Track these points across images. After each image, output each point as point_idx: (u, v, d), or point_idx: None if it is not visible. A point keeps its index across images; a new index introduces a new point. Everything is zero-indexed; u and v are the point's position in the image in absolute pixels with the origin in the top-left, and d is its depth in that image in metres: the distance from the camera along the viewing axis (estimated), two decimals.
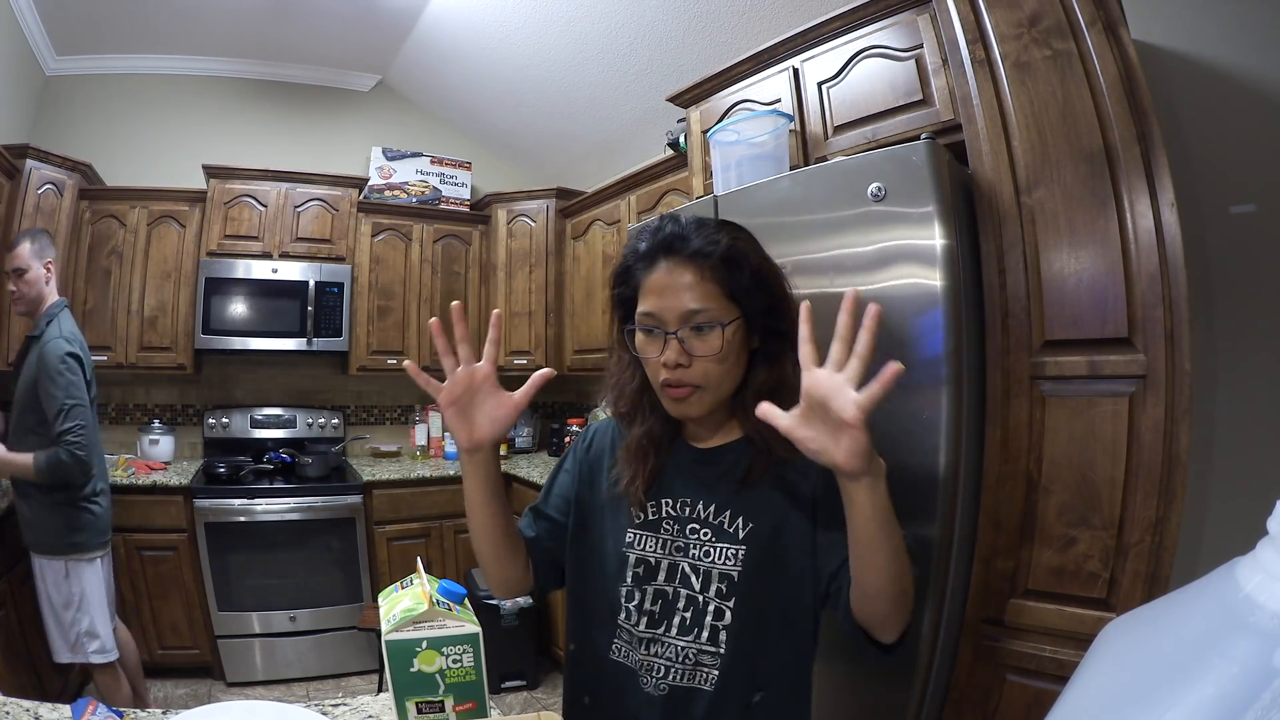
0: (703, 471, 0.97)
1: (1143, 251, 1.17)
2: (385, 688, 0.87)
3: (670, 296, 0.90)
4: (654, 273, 0.92)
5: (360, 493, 3.13)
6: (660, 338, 0.91)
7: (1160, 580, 1.13)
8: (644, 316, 0.92)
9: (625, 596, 0.96)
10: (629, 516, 0.97)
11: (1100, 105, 1.22)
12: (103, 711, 0.85)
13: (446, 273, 3.69)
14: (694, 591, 0.92)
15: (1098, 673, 0.37)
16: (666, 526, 0.96)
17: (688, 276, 0.90)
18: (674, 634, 0.92)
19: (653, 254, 0.93)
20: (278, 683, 2.96)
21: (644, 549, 0.96)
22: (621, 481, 0.98)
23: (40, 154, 2.86)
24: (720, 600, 0.91)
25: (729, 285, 0.90)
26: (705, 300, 0.89)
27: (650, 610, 0.94)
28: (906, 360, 1.28)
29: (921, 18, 1.53)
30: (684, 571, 0.93)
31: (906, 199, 1.29)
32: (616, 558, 0.97)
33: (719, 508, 0.94)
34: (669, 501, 0.96)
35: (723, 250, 0.90)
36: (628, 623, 0.96)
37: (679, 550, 0.94)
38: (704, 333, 0.89)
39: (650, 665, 0.93)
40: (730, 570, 0.91)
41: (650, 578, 0.95)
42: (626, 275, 0.97)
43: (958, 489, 1.25)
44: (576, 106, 3.38)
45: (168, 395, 3.48)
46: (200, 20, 3.22)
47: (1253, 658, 0.28)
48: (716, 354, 0.88)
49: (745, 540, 0.91)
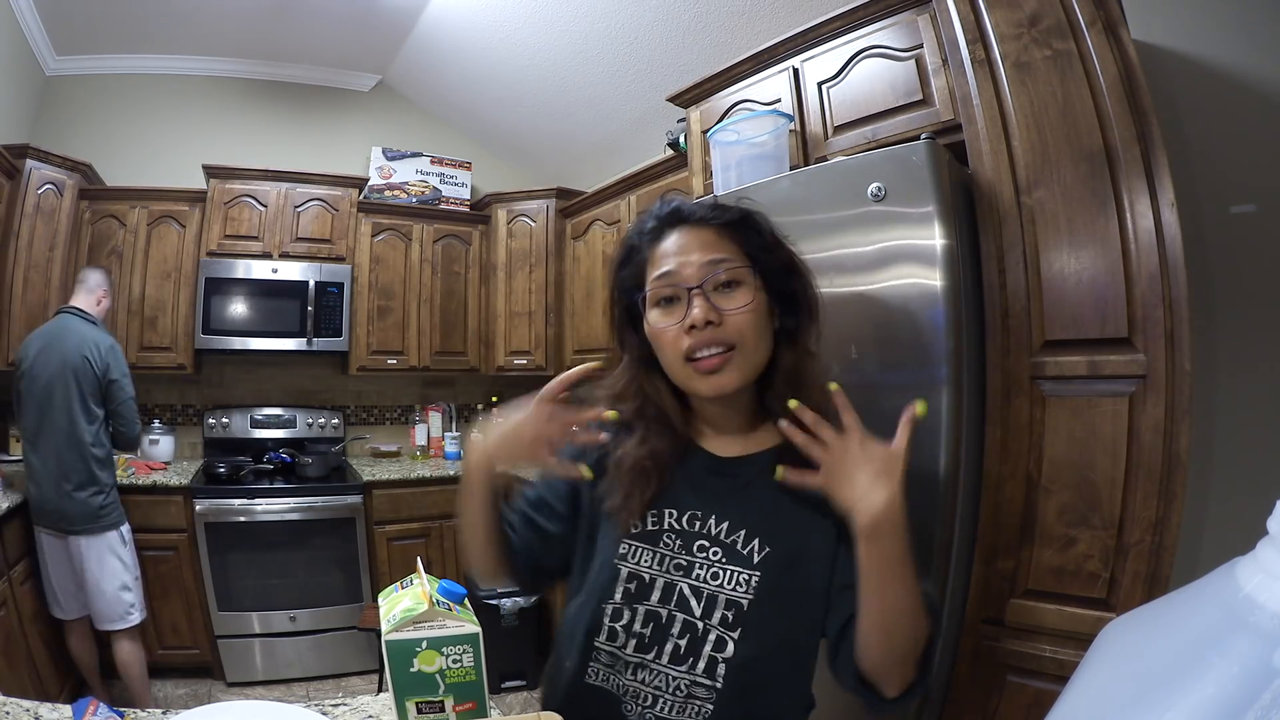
0: (718, 483, 0.87)
1: (1143, 251, 1.17)
2: (385, 688, 0.86)
3: (689, 252, 0.83)
4: (664, 242, 0.86)
5: (360, 493, 3.13)
6: (680, 303, 0.82)
7: (1160, 580, 1.13)
8: (659, 282, 0.84)
9: (612, 615, 0.85)
10: (625, 525, 0.87)
11: (1100, 105, 1.22)
12: (103, 711, 0.85)
13: (446, 273, 3.69)
14: (693, 617, 0.83)
15: (1098, 673, 0.37)
16: (667, 540, 0.85)
17: (707, 234, 0.84)
18: (665, 662, 0.83)
19: (660, 228, 0.87)
20: (278, 683, 2.96)
21: (638, 563, 0.85)
22: (611, 501, 0.87)
23: (40, 154, 2.86)
24: (724, 629, 0.81)
25: (748, 245, 0.84)
26: (729, 253, 0.83)
27: (640, 633, 0.84)
28: (907, 360, 1.28)
29: (921, 18, 1.53)
30: (682, 594, 0.83)
31: (906, 199, 1.29)
32: (608, 569, 0.87)
33: (733, 525, 0.84)
34: (673, 513, 0.86)
35: (737, 213, 0.86)
36: (610, 644, 0.85)
37: (679, 569, 0.84)
38: (731, 289, 0.82)
39: (637, 693, 0.84)
40: (739, 597, 0.81)
41: (643, 596, 0.85)
42: (630, 256, 0.89)
43: (958, 489, 1.25)
44: (576, 106, 3.37)
45: (168, 395, 3.47)
46: (200, 20, 3.22)
47: (1253, 658, 0.28)
48: (747, 305, 0.81)
49: (760, 566, 0.82)
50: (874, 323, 1.32)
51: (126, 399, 2.45)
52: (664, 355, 0.85)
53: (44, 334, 2.40)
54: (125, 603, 2.44)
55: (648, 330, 0.86)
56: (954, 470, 1.24)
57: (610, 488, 0.88)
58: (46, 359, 2.34)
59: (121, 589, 2.43)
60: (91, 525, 2.35)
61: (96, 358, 2.37)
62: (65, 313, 2.46)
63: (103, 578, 2.38)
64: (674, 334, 0.82)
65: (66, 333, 2.38)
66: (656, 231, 0.87)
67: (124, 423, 2.46)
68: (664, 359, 0.86)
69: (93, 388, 2.37)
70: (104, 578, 2.38)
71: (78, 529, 2.34)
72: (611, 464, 0.89)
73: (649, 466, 0.86)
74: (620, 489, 0.87)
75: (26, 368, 2.36)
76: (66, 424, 2.33)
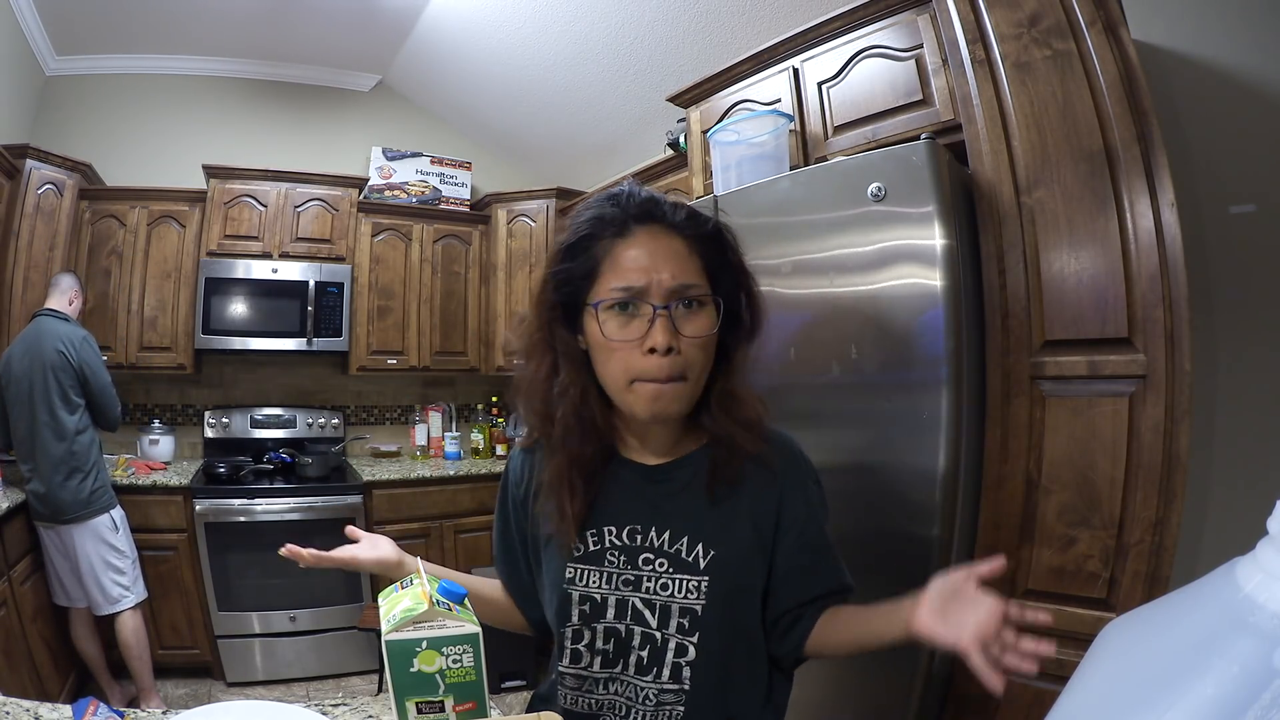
0: (652, 491, 0.85)
1: (1143, 251, 1.17)
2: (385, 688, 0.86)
3: (660, 268, 0.76)
4: (628, 240, 0.79)
5: (360, 493, 3.13)
6: (642, 318, 0.77)
7: (1160, 580, 1.13)
8: (621, 293, 0.77)
9: (572, 637, 0.86)
10: (567, 549, 0.86)
11: (1100, 105, 1.22)
12: (104, 711, 0.84)
13: (446, 273, 3.69)
14: (650, 629, 0.83)
15: (1098, 673, 0.37)
16: (611, 559, 0.84)
17: (678, 244, 0.79)
18: (631, 673, 0.84)
19: (623, 221, 0.80)
20: (278, 683, 2.95)
21: (586, 584, 0.85)
22: (549, 523, 0.86)
23: (40, 154, 2.86)
24: (682, 636, 0.82)
25: (711, 265, 0.81)
26: (694, 275, 0.78)
27: (604, 649, 0.85)
28: (907, 360, 1.28)
29: (921, 18, 1.53)
30: (636, 608, 0.83)
31: (906, 199, 1.29)
32: (559, 596, 0.86)
33: (675, 534, 0.83)
34: (612, 530, 0.85)
35: (713, 226, 0.82)
36: (575, 666, 0.86)
37: (627, 584, 0.83)
38: (692, 313, 0.78)
39: (613, 705, 0.85)
40: (693, 604, 0.81)
41: (598, 616, 0.84)
42: (584, 245, 0.80)
43: (958, 489, 1.25)
44: (576, 106, 3.37)
45: (168, 395, 3.47)
46: (200, 20, 3.22)
47: (1253, 658, 0.28)
48: (706, 335, 0.78)
49: (708, 570, 0.81)
50: (874, 323, 1.32)
51: (103, 385, 2.54)
52: (607, 367, 0.80)
53: (23, 338, 2.50)
54: (119, 586, 2.50)
55: (594, 337, 0.80)
56: (954, 470, 1.24)
57: (545, 509, 0.87)
58: (26, 361, 2.43)
59: (114, 572, 2.49)
60: (83, 511, 2.42)
61: (71, 351, 2.46)
62: (41, 315, 2.54)
63: (96, 562, 2.45)
64: (627, 351, 0.77)
65: (41, 334, 2.47)
66: (622, 225, 0.80)
67: (102, 407, 2.56)
68: (605, 370, 0.81)
69: (70, 379, 2.46)
70: (97, 562, 2.45)
71: (68, 517, 2.40)
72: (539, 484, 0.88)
73: (573, 477, 0.83)
74: (553, 504, 0.85)
75: (10, 373, 2.45)
76: (49, 418, 2.41)
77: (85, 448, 2.48)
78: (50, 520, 2.41)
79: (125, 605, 2.51)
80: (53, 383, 2.42)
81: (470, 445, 3.79)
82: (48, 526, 2.43)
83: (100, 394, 2.53)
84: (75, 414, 2.47)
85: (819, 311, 1.39)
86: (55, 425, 2.42)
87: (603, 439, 0.85)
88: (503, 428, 3.79)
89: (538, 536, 0.92)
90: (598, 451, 0.85)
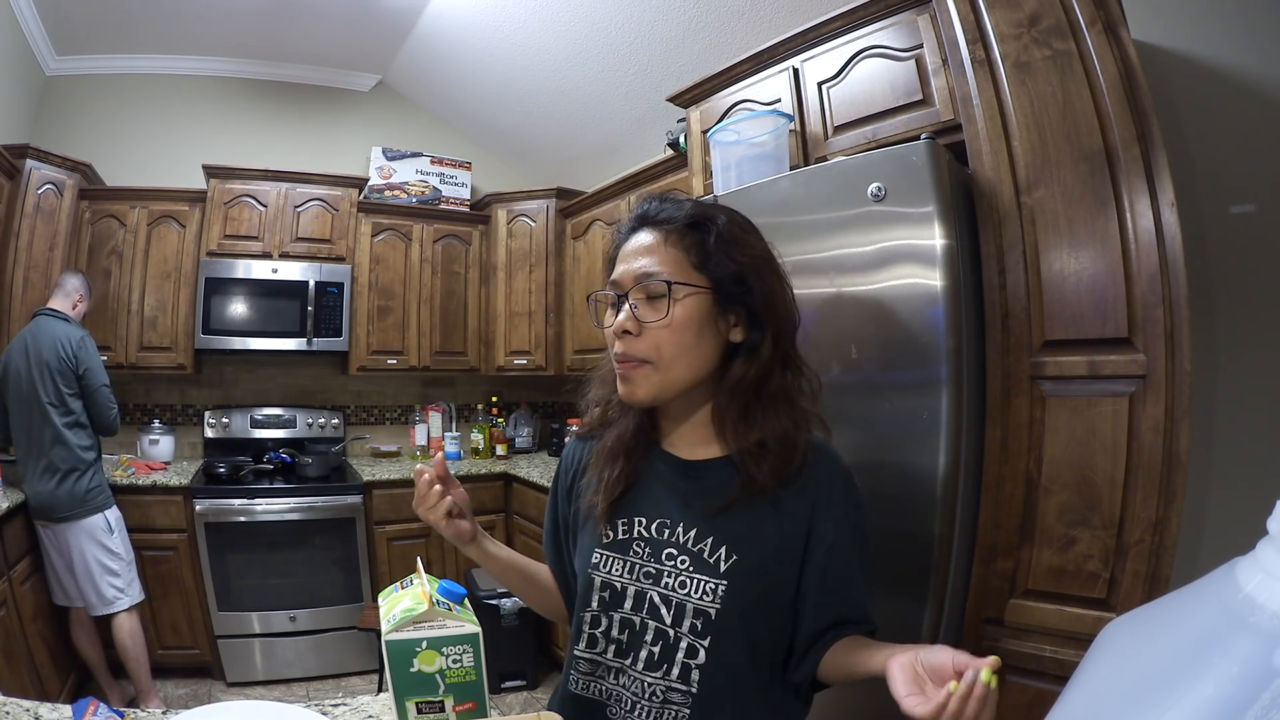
0: (685, 486, 0.87)
1: (1143, 251, 1.17)
2: (385, 688, 0.87)
3: (634, 258, 0.85)
4: (624, 243, 0.89)
5: (360, 493, 3.13)
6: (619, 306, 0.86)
7: (1160, 580, 1.13)
8: (610, 285, 0.88)
9: (590, 622, 0.88)
10: (597, 534, 0.89)
11: (1100, 105, 1.22)
12: (103, 712, 0.84)
13: (446, 273, 3.69)
14: (664, 625, 0.84)
15: (1098, 673, 0.37)
16: (637, 549, 0.87)
17: (649, 239, 0.86)
18: (640, 668, 0.84)
19: (626, 228, 0.91)
20: (278, 683, 2.96)
21: (610, 572, 0.87)
22: (590, 491, 0.91)
23: (40, 154, 2.86)
24: (694, 637, 0.82)
25: (695, 252, 0.84)
26: (662, 264, 0.83)
27: (618, 639, 0.87)
28: (907, 360, 1.28)
29: (921, 18, 1.53)
30: (652, 602, 0.84)
31: (906, 199, 1.29)
32: (584, 580, 0.90)
33: (700, 533, 0.84)
34: (642, 521, 0.88)
35: (686, 214, 0.85)
36: (590, 651, 0.88)
37: (648, 577, 0.85)
38: (655, 300, 0.83)
39: (619, 696, 0.86)
40: (707, 606, 0.82)
41: (617, 604, 0.87)
42: (610, 256, 0.94)
43: (958, 489, 1.25)
44: (576, 106, 3.37)
45: (167, 395, 3.47)
46: (200, 20, 3.22)
47: (1253, 658, 0.28)
48: (662, 321, 0.81)
49: (726, 575, 0.82)
50: (874, 323, 1.32)
51: (99, 386, 2.54)
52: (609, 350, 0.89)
53: (22, 338, 2.50)
54: (114, 587, 2.50)
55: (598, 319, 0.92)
56: (954, 470, 1.24)
57: (587, 481, 0.93)
58: (24, 361, 2.44)
59: (108, 574, 2.49)
60: (78, 509, 2.42)
61: (68, 351, 2.47)
62: (41, 315, 2.54)
63: (90, 562, 2.45)
64: (610, 337, 0.87)
65: (40, 334, 2.47)
66: (629, 230, 0.90)
67: (100, 409, 2.55)
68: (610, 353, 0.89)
69: (67, 380, 2.46)
70: (91, 562, 2.45)
71: (62, 515, 2.41)
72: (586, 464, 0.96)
73: (615, 447, 0.90)
74: (594, 475, 0.92)
75: (8, 371, 2.46)
76: (46, 417, 2.42)
77: (82, 446, 2.48)
78: (45, 518, 2.42)
79: (120, 607, 2.51)
80: (49, 383, 2.43)
81: (470, 445, 3.79)
82: (45, 525, 2.44)
83: (97, 395, 2.53)
84: (72, 415, 2.47)
85: (819, 311, 1.39)
86: (53, 426, 2.42)
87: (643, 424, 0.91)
88: (502, 428, 3.80)
89: (576, 520, 0.96)
90: (640, 430, 0.91)
